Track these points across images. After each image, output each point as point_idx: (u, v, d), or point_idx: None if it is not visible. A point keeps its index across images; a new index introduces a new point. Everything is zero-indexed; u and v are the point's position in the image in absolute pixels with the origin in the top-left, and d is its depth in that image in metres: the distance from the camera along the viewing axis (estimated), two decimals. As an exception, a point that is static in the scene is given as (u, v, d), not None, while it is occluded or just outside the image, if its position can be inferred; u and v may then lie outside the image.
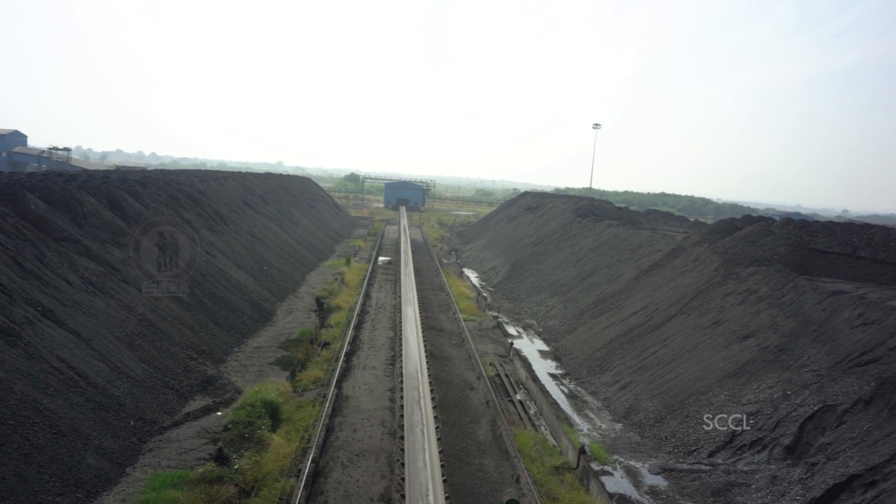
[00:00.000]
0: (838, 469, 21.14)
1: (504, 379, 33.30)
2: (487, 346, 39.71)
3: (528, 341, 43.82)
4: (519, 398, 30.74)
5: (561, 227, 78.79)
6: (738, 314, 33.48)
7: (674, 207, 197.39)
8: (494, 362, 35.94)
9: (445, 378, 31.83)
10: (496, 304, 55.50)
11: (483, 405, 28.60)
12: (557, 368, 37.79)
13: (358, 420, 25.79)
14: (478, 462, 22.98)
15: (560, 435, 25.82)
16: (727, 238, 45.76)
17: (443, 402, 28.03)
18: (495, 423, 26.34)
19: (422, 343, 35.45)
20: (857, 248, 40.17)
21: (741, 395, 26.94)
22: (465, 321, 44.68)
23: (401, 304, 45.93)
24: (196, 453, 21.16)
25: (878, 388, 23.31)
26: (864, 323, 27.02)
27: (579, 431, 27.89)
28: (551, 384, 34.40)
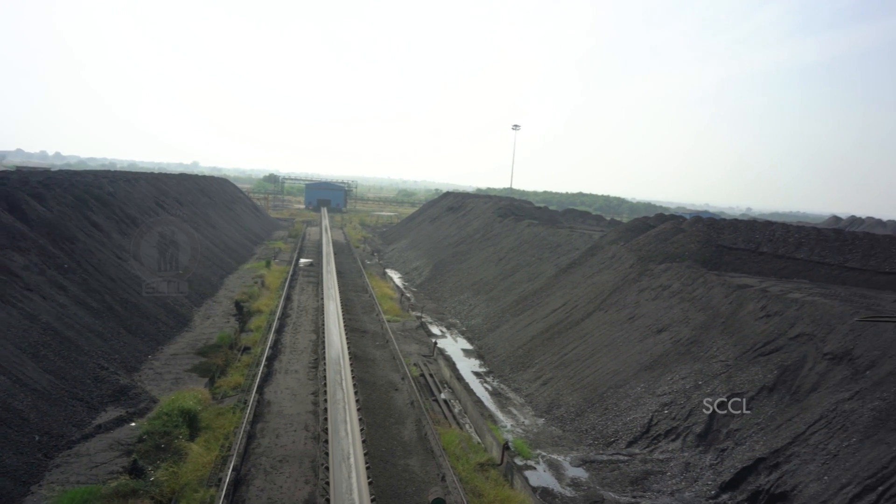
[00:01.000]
0: (745, 453, 22.29)
1: (428, 378, 33.40)
2: (412, 347, 39.73)
3: (451, 340, 44.10)
4: (443, 397, 30.92)
5: (483, 226, 79.70)
6: (653, 309, 34.78)
7: (591, 207, 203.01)
8: (419, 362, 36.01)
9: (370, 380, 31.65)
10: (420, 304, 55.60)
11: (408, 405, 28.61)
12: (481, 366, 38.20)
13: (281, 425, 25.30)
14: (403, 462, 22.97)
15: (484, 432, 26.12)
16: (641, 236, 47.46)
17: (367, 404, 27.86)
18: (420, 422, 26.39)
19: (345, 345, 35.10)
20: (759, 244, 42.45)
21: (656, 387, 27.99)
22: (389, 322, 44.56)
23: (323, 307, 45.35)
24: (108, 467, 20.25)
25: (780, 375, 24.72)
26: (767, 315, 28.58)
27: (503, 428, 28.28)
28: (475, 382, 34.74)
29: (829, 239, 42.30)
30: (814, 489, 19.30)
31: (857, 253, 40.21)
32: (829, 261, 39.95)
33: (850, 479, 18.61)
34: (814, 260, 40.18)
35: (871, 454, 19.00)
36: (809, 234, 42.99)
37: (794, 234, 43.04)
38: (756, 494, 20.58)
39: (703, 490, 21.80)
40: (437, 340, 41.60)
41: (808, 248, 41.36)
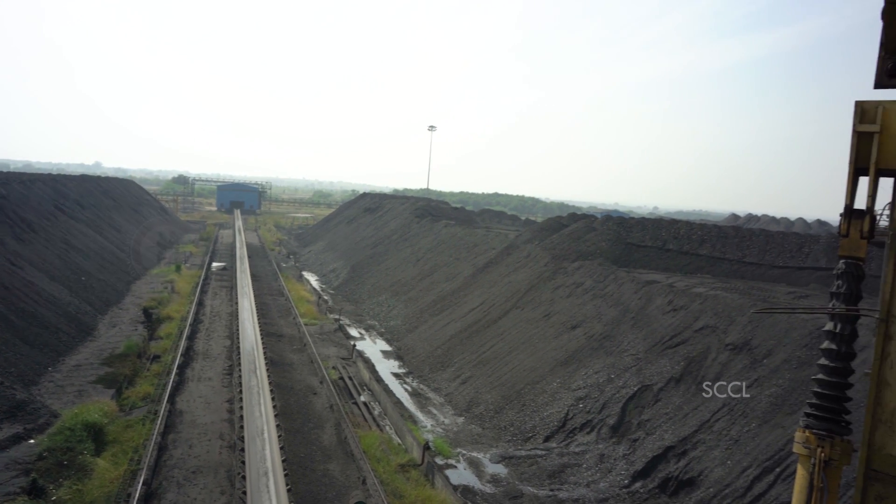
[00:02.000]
0: (656, 443, 23.25)
1: (348, 381, 33.12)
2: (330, 350, 39.28)
3: (370, 342, 43.89)
4: (363, 400, 30.73)
5: (400, 227, 79.68)
6: (567, 306, 35.75)
7: (506, 206, 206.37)
8: (337, 365, 35.65)
9: (287, 384, 31.07)
10: (338, 306, 55.03)
11: (327, 409, 28.27)
12: (401, 367, 38.20)
13: (194, 435, 24.47)
14: (323, 467, 22.68)
15: (405, 433, 26.14)
16: (555, 235, 48.69)
17: (285, 410, 27.35)
18: (340, 426, 26.14)
19: (261, 350, 34.33)
20: (666, 241, 44.36)
21: (571, 382, 28.79)
22: (307, 325, 43.89)
23: (238, 311, 44.17)
24: (5, 488, 19.02)
25: (686, 366, 25.92)
26: (674, 309, 29.91)
27: (423, 428, 28.39)
28: (395, 383, 34.71)
29: (728, 236, 44.64)
30: (718, 473, 20.36)
31: (754, 248, 42.62)
32: (730, 256, 42.17)
33: (751, 463, 19.73)
34: (715, 256, 42.32)
35: (769, 438, 20.21)
36: (711, 232, 45.24)
37: (698, 232, 45.20)
38: (666, 481, 21.51)
39: (616, 480, 22.59)
40: (355, 343, 41.30)
41: (710, 245, 43.52)
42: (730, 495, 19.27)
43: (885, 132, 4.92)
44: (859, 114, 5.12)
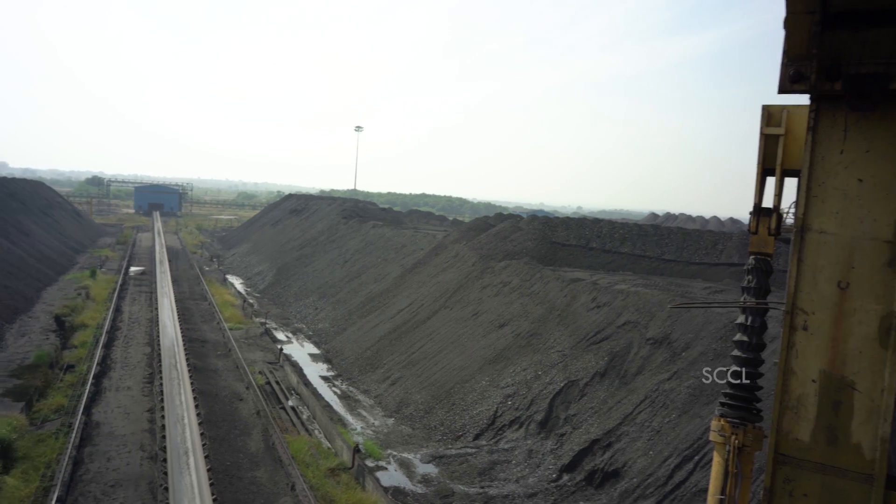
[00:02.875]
0: (582, 436, 23.83)
1: (275, 386, 32.50)
2: (256, 355, 38.44)
3: (298, 346, 43.21)
4: (291, 404, 30.22)
5: (327, 228, 78.75)
6: (495, 305, 36.19)
7: (434, 207, 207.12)
8: (264, 370, 34.92)
9: (212, 391, 30.22)
10: (264, 310, 53.90)
11: (253, 415, 27.65)
12: (329, 370, 37.77)
13: (112, 447, 23.47)
14: (250, 475, 22.18)
15: (334, 436, 25.87)
16: (482, 235, 49.20)
17: (210, 417, 26.59)
18: (267, 432, 25.62)
19: (183, 356, 33.28)
20: (589, 240, 45.54)
21: (500, 380, 29.16)
22: (231, 330, 42.80)
23: (158, 317, 42.65)
24: None
25: (610, 361, 26.68)
26: (598, 306, 30.73)
27: (353, 431, 28.17)
28: (324, 387, 34.29)
29: (648, 234, 46.19)
30: (641, 464, 21.05)
31: (672, 246, 44.26)
32: (650, 254, 43.65)
33: (672, 452, 20.49)
34: (636, 253, 43.73)
35: (688, 428, 21.03)
36: (632, 230, 46.72)
37: (619, 231, 46.59)
38: (592, 473, 22.08)
39: (545, 474, 23.03)
40: (282, 346, 40.56)
41: (632, 243, 44.93)
42: (652, 484, 19.96)
43: (790, 135, 5.20)
44: (766, 117, 5.40)
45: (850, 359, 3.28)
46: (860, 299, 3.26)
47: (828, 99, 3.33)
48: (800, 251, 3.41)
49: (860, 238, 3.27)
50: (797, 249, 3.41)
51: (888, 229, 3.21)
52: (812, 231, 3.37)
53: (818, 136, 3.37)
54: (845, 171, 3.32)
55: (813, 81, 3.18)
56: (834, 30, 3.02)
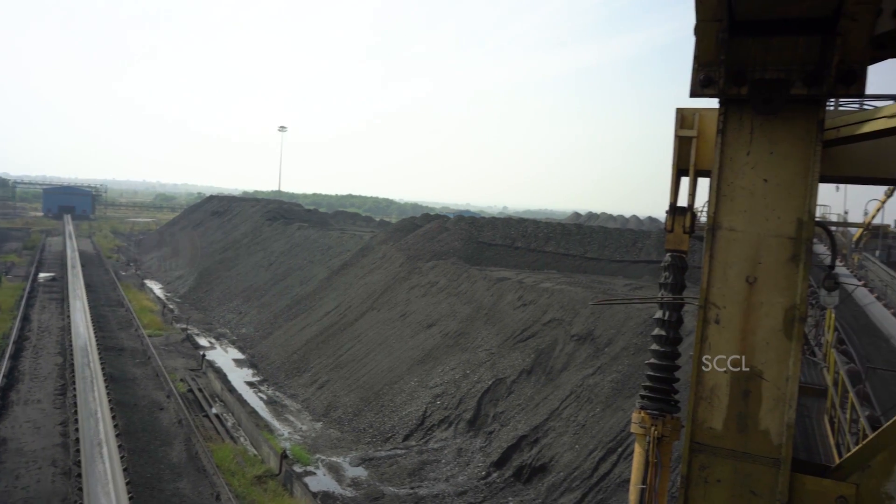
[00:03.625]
0: (510, 433, 24.18)
1: (198, 393, 31.53)
2: (177, 362, 37.18)
3: (222, 351, 42.06)
4: (215, 412, 29.39)
5: (251, 231, 77.00)
6: (423, 305, 36.25)
7: (360, 208, 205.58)
8: (186, 377, 33.83)
9: (130, 401, 29.04)
10: (185, 315, 52.20)
11: (175, 424, 26.74)
12: (255, 375, 36.95)
13: (21, 464, 22.21)
14: (173, 486, 21.43)
15: (261, 443, 25.33)
16: (410, 236, 49.21)
17: (129, 428, 25.54)
18: (190, 441, 24.83)
19: (98, 366, 31.86)
20: (515, 239, 46.24)
21: (429, 380, 29.24)
22: (151, 337, 41.24)
23: (70, 325, 40.65)
24: None
25: (536, 358, 27.17)
26: (524, 304, 31.23)
27: (280, 436, 27.65)
28: (249, 393, 33.52)
29: (572, 233, 47.28)
30: (568, 458, 21.53)
31: (594, 244, 45.45)
32: (573, 252, 44.70)
33: (596, 445, 21.05)
34: (560, 252, 44.69)
35: (612, 421, 21.66)
36: (556, 230, 47.72)
37: (544, 230, 47.51)
38: (520, 469, 22.43)
39: (474, 472, 23.24)
40: (205, 352, 39.39)
41: (556, 242, 45.89)
42: (578, 477, 20.45)
43: (702, 137, 5.43)
44: (679, 120, 5.61)
45: (758, 350, 3.46)
46: (767, 293, 3.44)
47: (735, 103, 3.50)
48: (711, 248, 3.57)
49: (766, 235, 3.45)
50: (709, 246, 3.58)
51: (791, 226, 3.40)
52: (722, 229, 3.53)
53: (727, 138, 3.54)
54: (752, 172, 3.49)
55: (721, 86, 3.33)
56: (740, 37, 3.17)
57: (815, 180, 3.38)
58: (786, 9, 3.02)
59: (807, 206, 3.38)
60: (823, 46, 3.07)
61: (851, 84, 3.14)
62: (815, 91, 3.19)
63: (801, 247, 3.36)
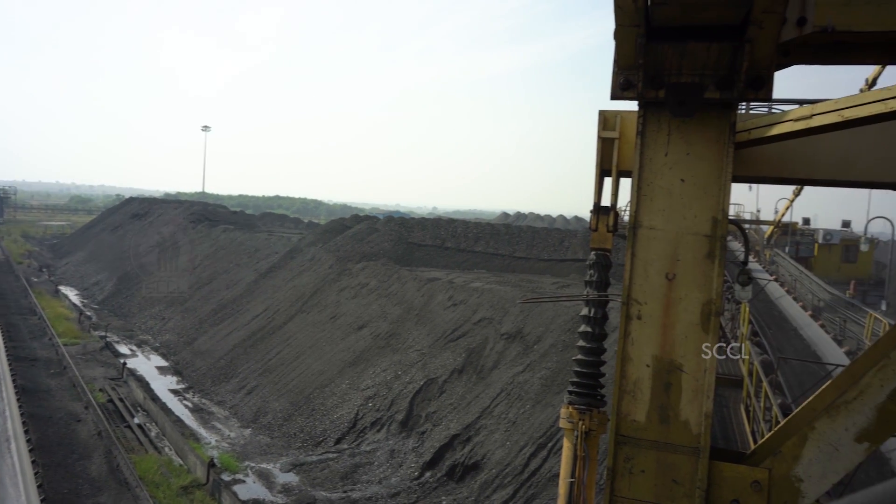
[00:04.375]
0: (442, 433, 24.27)
1: (118, 403, 30.30)
2: (96, 371, 35.62)
3: (144, 359, 40.56)
4: (138, 422, 28.33)
5: (174, 234, 74.53)
6: (353, 307, 35.96)
7: (288, 210, 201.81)
8: (105, 387, 32.46)
9: (44, 414, 27.63)
10: (103, 322, 50.05)
11: (94, 437, 25.61)
12: (179, 383, 35.80)
13: (-76, 484, 20.84)
14: (92, 501, 20.53)
15: (187, 452, 24.57)
16: (339, 237, 48.72)
17: (43, 443, 24.30)
18: (111, 453, 23.83)
19: (9, 378, 30.19)
20: (445, 240, 46.45)
21: (360, 382, 29.02)
22: (66, 346, 39.34)
23: (-23, 336, 38.35)
24: None
25: (467, 358, 27.37)
26: (454, 304, 31.41)
27: (207, 445, 26.90)
28: (174, 401, 32.45)
29: (500, 233, 47.85)
30: (499, 455, 21.78)
31: (522, 244, 46.13)
32: (502, 252, 45.25)
33: (527, 441, 21.38)
34: (490, 252, 45.17)
35: (542, 417, 22.05)
36: (485, 230, 48.20)
37: (473, 230, 47.91)
38: (453, 468, 22.55)
39: (407, 473, 23.21)
40: (126, 361, 37.89)
41: (485, 242, 46.35)
42: (510, 473, 20.72)
43: (623, 138, 5.59)
44: (602, 122, 5.76)
45: (677, 344, 3.59)
46: (685, 289, 3.57)
47: (653, 105, 3.61)
48: (633, 246, 3.68)
49: (683, 233, 3.58)
50: (631, 244, 3.68)
51: (706, 224, 3.54)
52: (643, 227, 3.64)
53: (646, 139, 3.65)
54: (670, 172, 3.62)
55: (640, 89, 3.43)
56: (657, 42, 3.27)
57: (728, 180, 3.54)
58: (698, 16, 3.14)
59: (721, 204, 3.53)
60: (734, 53, 3.21)
61: (760, 89, 3.29)
62: (727, 95, 3.33)
63: (716, 244, 3.51)
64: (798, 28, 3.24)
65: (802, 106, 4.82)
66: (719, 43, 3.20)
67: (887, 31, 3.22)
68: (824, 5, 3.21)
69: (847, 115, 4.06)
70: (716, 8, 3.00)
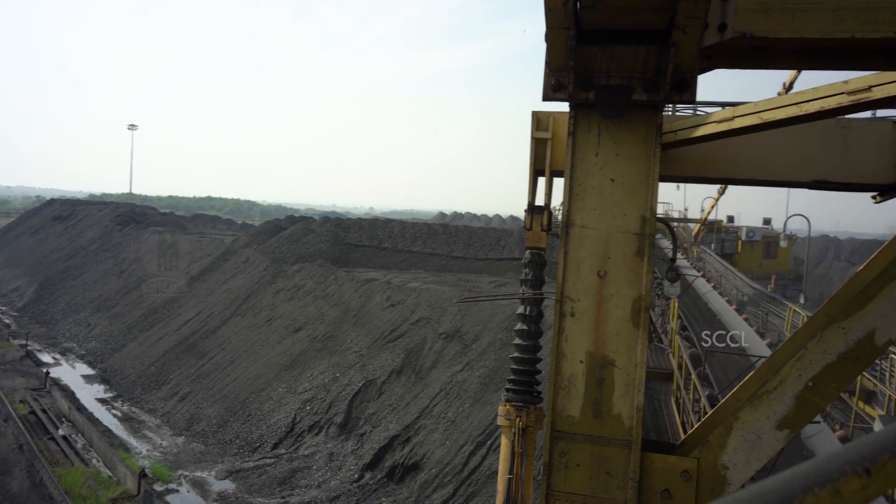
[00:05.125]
0: (382, 434, 24.16)
1: (41, 415, 28.96)
2: (16, 381, 33.94)
3: (69, 367, 38.89)
4: (62, 433, 27.13)
5: (100, 236, 71.73)
6: (290, 309, 35.40)
7: (221, 211, 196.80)
8: (27, 398, 30.96)
9: (-41, 428, 26.17)
10: (24, 330, 47.72)
11: (15, 451, 24.40)
12: (107, 392, 34.49)
13: None
14: (13, 518, 19.59)
15: (116, 463, 23.70)
16: (274, 238, 47.88)
17: (-42, 458, 23.02)
18: (33, 467, 22.76)
19: (-80, 391, 28.47)
20: (382, 240, 46.27)
21: (297, 385, 28.60)
22: (-17, 356, 37.39)
23: None
24: None
25: (406, 358, 27.33)
26: (392, 304, 31.31)
27: (138, 454, 26.02)
28: (101, 410, 31.25)
29: (438, 233, 47.98)
30: (439, 454, 21.84)
31: (459, 243, 46.39)
32: (439, 252, 45.38)
33: (466, 440, 21.50)
34: (427, 252, 45.23)
35: (480, 415, 22.21)
36: (422, 230, 48.25)
37: (410, 230, 47.87)
38: (393, 469, 22.48)
39: (347, 476, 23.01)
40: (48, 370, 36.23)
41: (422, 242, 46.39)
42: (450, 472, 20.80)
43: (556, 138, 5.69)
44: (535, 122, 5.85)
45: (609, 339, 3.67)
46: (616, 286, 3.66)
47: (584, 107, 3.68)
48: (566, 244, 3.74)
49: (614, 231, 3.67)
50: (564, 243, 3.74)
51: (636, 223, 3.64)
52: (575, 226, 3.71)
53: (577, 140, 3.71)
54: (600, 172, 3.69)
55: (571, 91, 3.48)
56: (587, 45, 3.32)
57: (656, 180, 3.63)
58: (625, 20, 3.21)
59: (649, 203, 3.63)
60: (660, 56, 3.29)
61: (684, 91, 3.39)
62: (654, 97, 3.42)
63: (645, 242, 3.60)
64: (719, 33, 3.35)
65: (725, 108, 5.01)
66: (646, 47, 3.29)
67: (800, 37, 3.37)
68: (743, 12, 3.34)
69: (766, 118, 4.24)
70: (642, 13, 3.08)
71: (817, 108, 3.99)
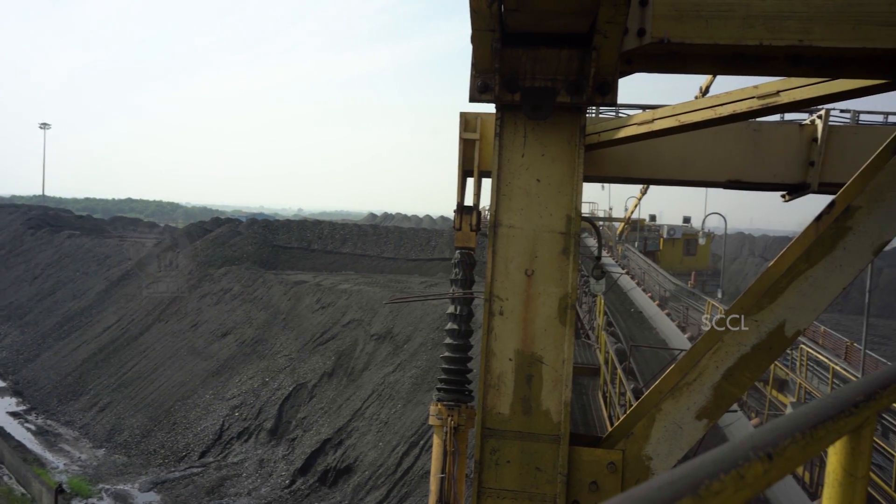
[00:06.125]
0: (313, 438, 23.85)
1: (-54, 431, 27.25)
2: (-83, 397, 31.85)
3: (-24, 380, 36.72)
4: (-30, 450, 25.60)
5: (9, 241, 68.00)
6: (216, 314, 34.49)
7: (142, 213, 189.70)
8: (-71, 414, 29.09)
9: None
10: (-75, 342, 44.77)
11: (-83, 470, 22.92)
12: (20, 404, 32.74)
13: None
14: (-84, 542, 18.36)
15: (30, 479, 22.53)
16: (199, 241, 46.55)
17: None
18: (-62, 487, 21.42)
19: None
20: (311, 242, 45.68)
21: (225, 391, 27.90)
22: None
23: None
24: None
25: (337, 360, 27.07)
26: (322, 307, 30.95)
27: (55, 469, 24.81)
28: (13, 424, 29.65)
29: (368, 234, 47.72)
30: (372, 456, 21.72)
31: (390, 244, 46.28)
32: (370, 253, 45.15)
33: (399, 441, 21.47)
34: (357, 253, 44.92)
35: (413, 415, 22.22)
36: (352, 231, 47.89)
37: (340, 231, 47.44)
38: (325, 473, 22.23)
39: (278, 482, 22.61)
40: (-46, 383, 34.15)
41: (353, 243, 46.04)
42: (383, 474, 20.72)
43: (484, 139, 5.75)
44: (463, 123, 5.89)
45: (537, 337, 3.73)
46: (543, 284, 3.72)
47: (510, 108, 3.72)
48: (494, 244, 3.78)
49: (540, 230, 3.73)
50: (492, 243, 3.78)
51: (561, 222, 3.71)
52: (503, 226, 3.75)
53: (503, 141, 3.76)
54: (526, 173, 3.75)
55: (497, 92, 3.52)
56: (512, 47, 3.37)
57: (580, 180, 3.71)
58: (548, 24, 3.27)
59: (574, 203, 3.70)
60: (582, 59, 3.37)
61: (606, 94, 3.48)
62: (577, 100, 3.49)
63: (570, 241, 3.67)
64: (638, 38, 3.46)
65: (645, 111, 5.18)
66: (569, 50, 3.36)
67: (714, 43, 3.52)
68: (660, 18, 3.46)
69: (683, 120, 4.41)
70: (564, 17, 3.15)
71: (730, 111, 4.18)
